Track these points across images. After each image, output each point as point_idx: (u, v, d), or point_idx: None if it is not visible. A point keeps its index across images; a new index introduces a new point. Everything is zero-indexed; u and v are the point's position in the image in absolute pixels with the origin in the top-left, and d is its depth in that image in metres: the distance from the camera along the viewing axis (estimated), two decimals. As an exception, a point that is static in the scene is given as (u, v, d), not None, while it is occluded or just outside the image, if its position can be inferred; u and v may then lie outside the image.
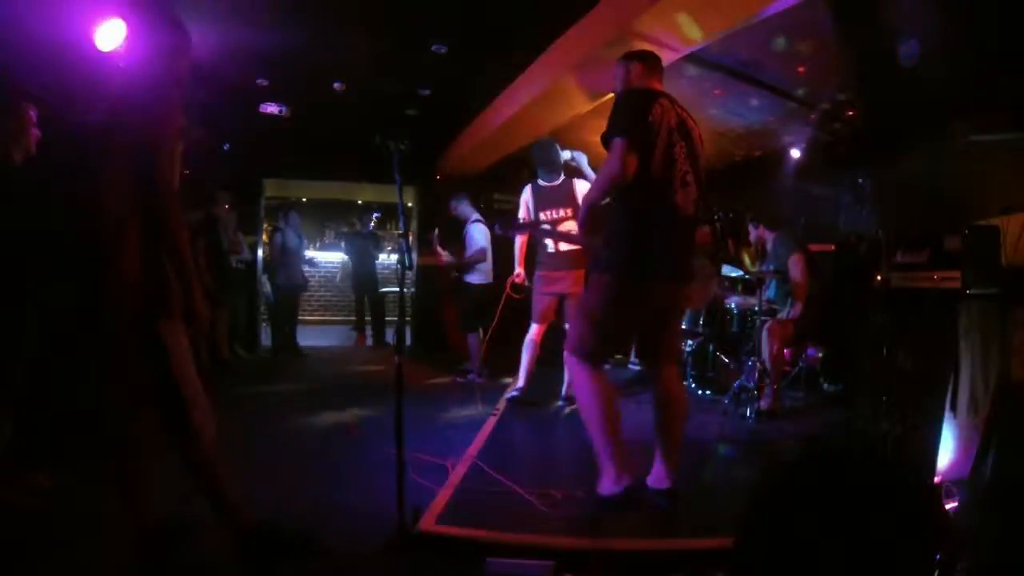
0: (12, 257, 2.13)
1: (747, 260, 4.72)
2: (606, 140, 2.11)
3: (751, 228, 4.36)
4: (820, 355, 4.30)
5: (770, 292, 4.14)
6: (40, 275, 2.01)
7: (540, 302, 3.91)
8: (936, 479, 2.05)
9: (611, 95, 4.33)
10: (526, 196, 4.00)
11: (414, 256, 6.81)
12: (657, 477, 2.28)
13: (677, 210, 2.14)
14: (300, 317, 6.79)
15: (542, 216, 3.88)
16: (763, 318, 3.88)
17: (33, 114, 2.40)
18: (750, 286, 4.48)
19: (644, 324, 2.21)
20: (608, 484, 2.15)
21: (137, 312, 1.66)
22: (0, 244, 2.15)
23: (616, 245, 2.17)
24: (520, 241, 4.09)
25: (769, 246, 4.13)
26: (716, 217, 5.90)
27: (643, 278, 2.11)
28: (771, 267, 3.97)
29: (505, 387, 4.38)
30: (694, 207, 2.21)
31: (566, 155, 3.89)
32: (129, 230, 1.66)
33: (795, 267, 3.91)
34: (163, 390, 1.71)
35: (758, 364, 3.76)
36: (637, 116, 2.10)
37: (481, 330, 4.91)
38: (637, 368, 5.12)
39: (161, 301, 1.69)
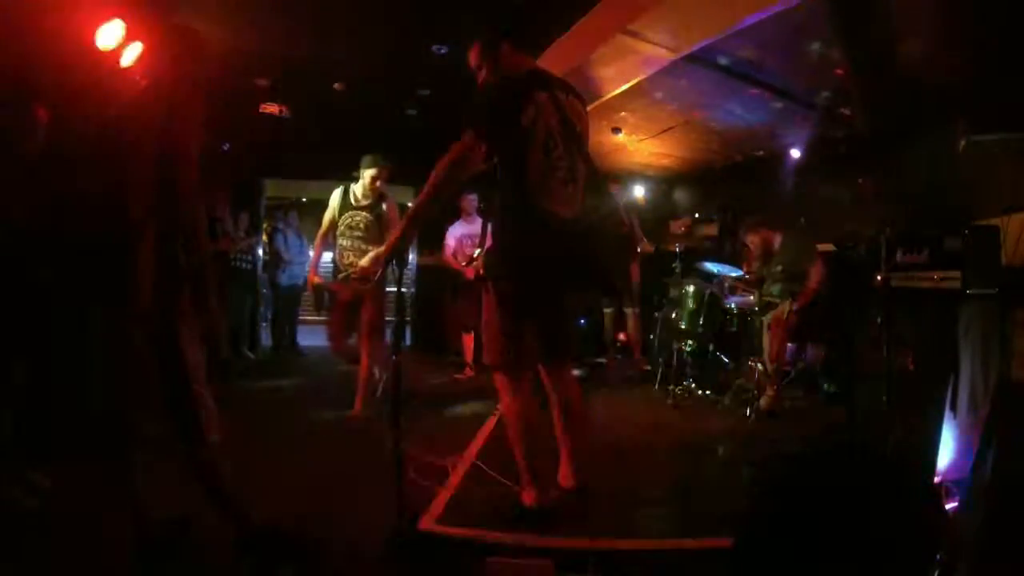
0: (15, 257, 2.14)
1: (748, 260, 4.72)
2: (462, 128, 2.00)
3: (749, 234, 4.35)
4: (820, 355, 4.30)
5: (773, 289, 4.15)
6: (50, 275, 2.02)
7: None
8: (936, 479, 2.05)
9: (610, 95, 4.36)
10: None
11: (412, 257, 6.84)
12: (564, 476, 2.31)
13: (556, 216, 2.08)
14: (300, 317, 6.80)
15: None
16: (762, 318, 3.89)
17: (43, 116, 2.40)
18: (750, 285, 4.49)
19: (537, 328, 2.14)
20: (528, 498, 2.15)
21: (153, 310, 1.67)
22: (3, 244, 2.15)
23: (499, 252, 2.13)
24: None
25: (776, 245, 4.12)
26: (717, 216, 5.92)
27: (526, 283, 2.07)
28: (779, 268, 3.98)
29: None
30: (576, 208, 2.15)
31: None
32: (147, 229, 1.66)
33: (815, 275, 3.91)
34: (175, 388, 1.72)
35: (758, 364, 3.76)
36: (506, 118, 1.99)
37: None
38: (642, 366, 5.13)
39: (176, 299, 1.70)
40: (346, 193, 3.70)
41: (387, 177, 3.64)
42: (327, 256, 4.03)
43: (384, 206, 3.63)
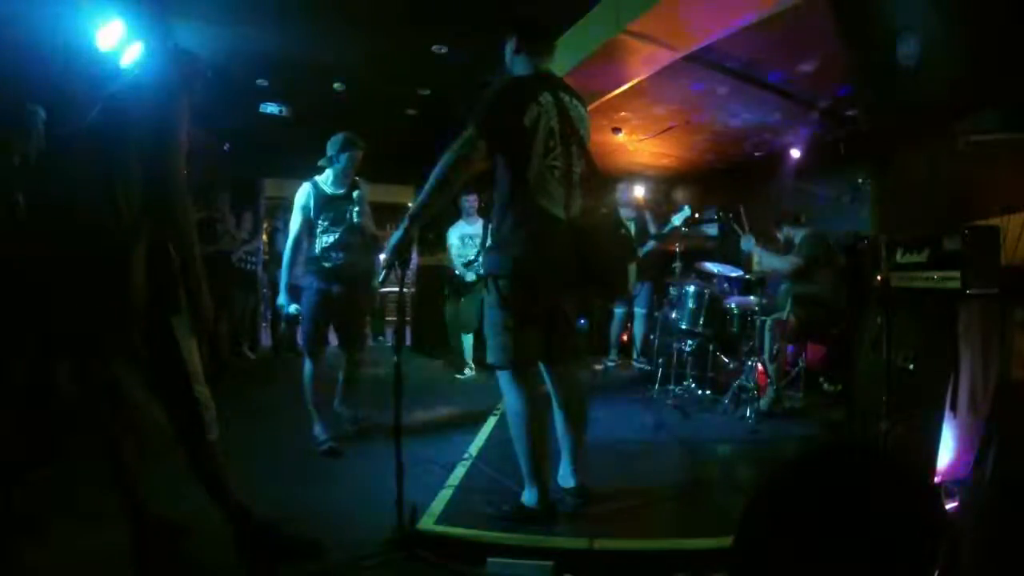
0: (15, 257, 2.13)
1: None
2: (464, 123, 2.00)
3: (777, 230, 4.35)
4: (820, 355, 4.30)
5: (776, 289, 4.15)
6: (46, 274, 2.01)
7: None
8: (936, 479, 2.05)
9: (611, 95, 4.36)
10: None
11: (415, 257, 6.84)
12: (563, 475, 2.30)
13: (553, 216, 2.09)
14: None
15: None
16: (762, 318, 3.89)
17: (41, 117, 2.40)
18: (751, 285, 4.50)
19: (538, 327, 2.13)
20: (528, 497, 2.15)
21: (148, 309, 1.67)
22: (2, 244, 2.15)
23: (498, 251, 2.13)
24: None
25: (796, 241, 4.12)
26: (717, 216, 5.91)
27: (526, 282, 2.07)
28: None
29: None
30: (574, 209, 2.15)
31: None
32: (140, 229, 1.66)
33: (781, 263, 3.92)
34: (175, 387, 1.72)
35: (758, 364, 3.76)
36: (507, 116, 2.01)
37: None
38: (642, 367, 5.13)
39: (171, 298, 1.70)
40: (316, 187, 3.19)
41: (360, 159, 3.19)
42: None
43: (361, 191, 3.24)
